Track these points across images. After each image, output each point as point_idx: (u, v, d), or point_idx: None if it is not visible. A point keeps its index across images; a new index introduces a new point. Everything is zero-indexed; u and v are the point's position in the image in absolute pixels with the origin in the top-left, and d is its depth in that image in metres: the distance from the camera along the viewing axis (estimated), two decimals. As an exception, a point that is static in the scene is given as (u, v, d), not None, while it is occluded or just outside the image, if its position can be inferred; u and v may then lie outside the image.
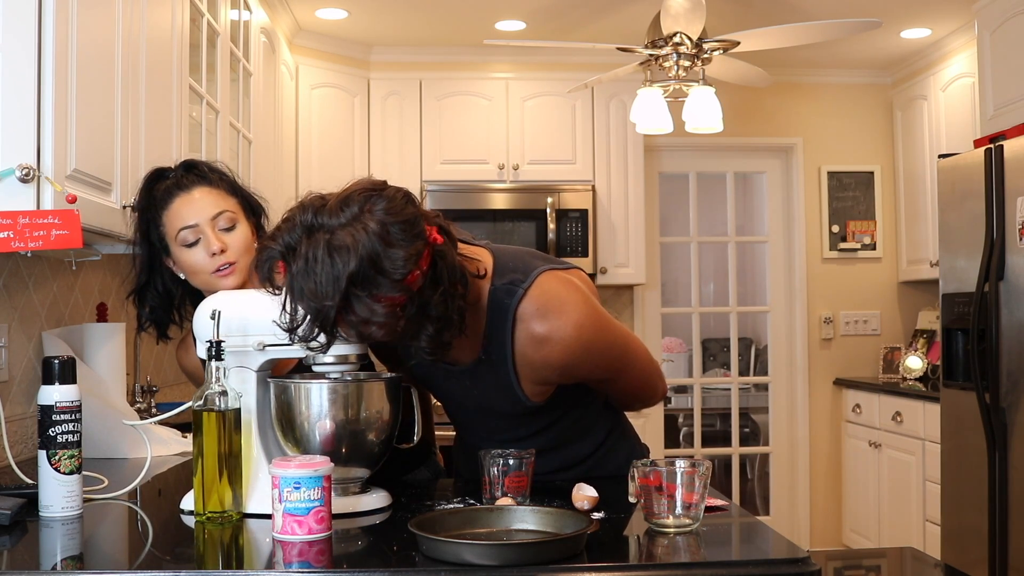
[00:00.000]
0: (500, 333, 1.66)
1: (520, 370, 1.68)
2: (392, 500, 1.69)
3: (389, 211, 1.47)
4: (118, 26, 2.04)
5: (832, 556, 4.24)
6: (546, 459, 1.81)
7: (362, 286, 1.44)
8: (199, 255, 1.83)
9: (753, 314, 6.32)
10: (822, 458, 5.37)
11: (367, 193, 1.49)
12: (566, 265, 1.75)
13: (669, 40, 3.70)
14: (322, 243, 1.44)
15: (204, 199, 1.85)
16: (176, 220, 1.84)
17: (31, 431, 2.25)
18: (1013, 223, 3.44)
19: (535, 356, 1.66)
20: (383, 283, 1.45)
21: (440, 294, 1.52)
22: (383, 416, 1.66)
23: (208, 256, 1.83)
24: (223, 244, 1.83)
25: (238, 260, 1.84)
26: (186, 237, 1.83)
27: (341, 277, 1.43)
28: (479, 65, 4.93)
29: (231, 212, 1.87)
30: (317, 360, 1.63)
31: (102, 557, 1.50)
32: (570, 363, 1.67)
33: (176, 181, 1.88)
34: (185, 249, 1.84)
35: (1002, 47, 3.87)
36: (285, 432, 1.63)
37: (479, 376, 1.73)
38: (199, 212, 1.84)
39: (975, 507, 3.64)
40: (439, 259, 1.52)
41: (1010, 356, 3.46)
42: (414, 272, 1.47)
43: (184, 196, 1.86)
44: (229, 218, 1.86)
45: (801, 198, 5.39)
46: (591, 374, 1.75)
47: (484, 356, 1.69)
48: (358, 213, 1.46)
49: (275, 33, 4.05)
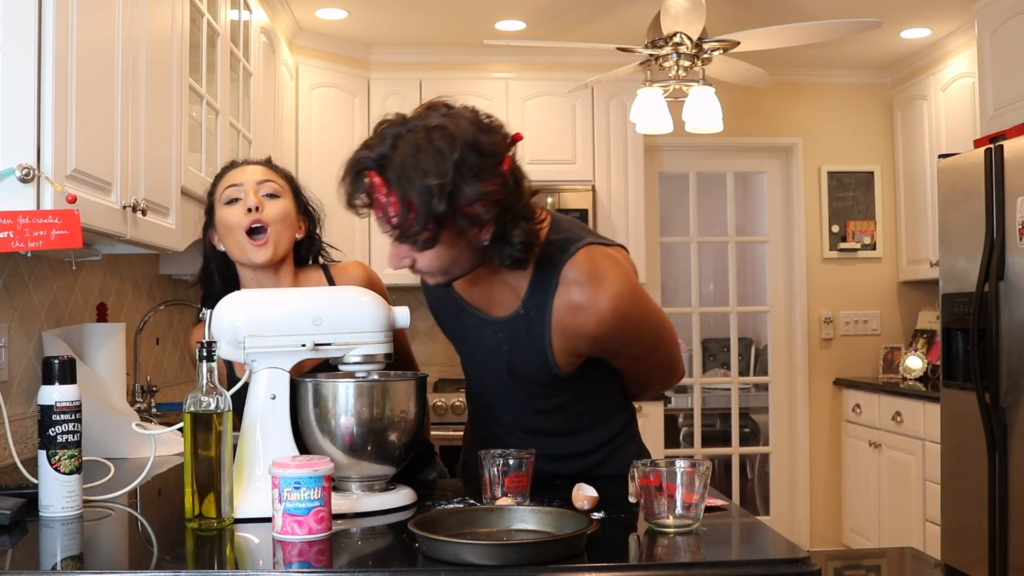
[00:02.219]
0: (543, 291, 1.70)
1: (555, 334, 1.72)
2: (417, 498, 1.70)
3: (473, 110, 1.59)
4: (118, 26, 2.04)
5: (832, 556, 4.24)
6: (558, 442, 1.84)
7: (468, 167, 1.50)
8: (235, 210, 1.90)
9: (753, 314, 6.32)
10: (822, 458, 5.37)
11: (445, 102, 1.60)
12: (611, 242, 1.80)
13: (669, 40, 3.70)
14: (422, 134, 1.51)
15: (257, 169, 1.97)
16: (226, 183, 1.95)
17: (31, 431, 2.25)
18: (1013, 223, 3.44)
19: (570, 323, 1.69)
20: (485, 165, 1.53)
21: (525, 195, 1.61)
22: (408, 415, 1.68)
23: (243, 212, 1.89)
24: (260, 203, 1.89)
25: (273, 227, 1.89)
26: (229, 194, 1.92)
27: (447, 159, 1.49)
28: (479, 65, 4.93)
29: (277, 185, 1.94)
30: (345, 359, 1.67)
31: (102, 557, 1.50)
32: (603, 335, 1.70)
33: (238, 160, 2.03)
34: (225, 206, 1.92)
35: (1002, 47, 3.87)
36: (323, 430, 1.64)
37: (514, 331, 1.76)
38: (247, 176, 1.94)
39: (975, 507, 3.64)
40: (516, 169, 1.62)
41: (1010, 356, 3.46)
42: (507, 157, 1.57)
43: (239, 168, 1.99)
44: (274, 187, 1.93)
45: (801, 198, 5.40)
46: (622, 348, 1.78)
47: (523, 311, 1.73)
48: (446, 112, 1.56)
49: (275, 33, 4.05)
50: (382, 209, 1.55)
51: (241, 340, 1.63)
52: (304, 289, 1.84)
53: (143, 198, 2.15)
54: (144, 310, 3.21)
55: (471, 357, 1.91)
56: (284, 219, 1.92)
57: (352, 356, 1.67)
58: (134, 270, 3.14)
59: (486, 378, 1.89)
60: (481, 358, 1.87)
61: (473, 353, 1.89)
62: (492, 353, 1.81)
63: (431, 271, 1.66)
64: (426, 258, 1.62)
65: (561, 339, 1.72)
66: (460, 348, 1.93)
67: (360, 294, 1.71)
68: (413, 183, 1.50)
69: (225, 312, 1.64)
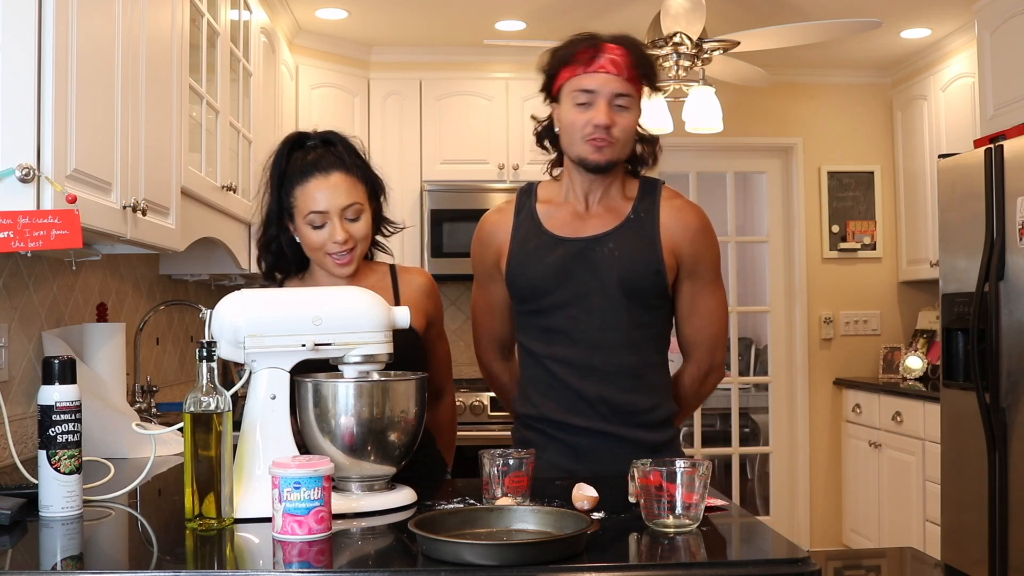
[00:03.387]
0: (651, 196, 2.06)
1: (662, 229, 2.02)
2: (417, 498, 1.70)
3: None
4: (118, 26, 2.04)
5: (832, 556, 4.23)
6: (617, 386, 2.01)
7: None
8: (322, 237, 1.93)
9: (753, 314, 6.32)
10: (822, 458, 5.37)
11: None
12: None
13: (669, 40, 3.70)
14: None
15: (339, 187, 1.94)
16: (309, 201, 1.93)
17: (31, 431, 2.25)
18: (1013, 223, 3.44)
19: (676, 221, 2.04)
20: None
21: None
22: (408, 415, 1.68)
23: (331, 242, 1.93)
24: (347, 235, 1.93)
25: (356, 247, 1.96)
26: (314, 220, 1.93)
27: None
28: (479, 65, 4.93)
29: (359, 204, 1.96)
30: (346, 360, 1.67)
31: (102, 557, 1.50)
32: (698, 233, 2.05)
33: (316, 159, 1.96)
34: (310, 229, 1.94)
35: (1002, 47, 3.87)
36: (323, 430, 1.64)
37: (623, 237, 2.02)
38: (332, 201, 1.93)
39: (975, 507, 3.64)
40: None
41: (1010, 356, 3.46)
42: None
43: (321, 179, 1.94)
44: (356, 210, 1.95)
45: (801, 198, 5.40)
46: (701, 261, 2.06)
47: (633, 215, 2.03)
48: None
49: (275, 33, 4.05)
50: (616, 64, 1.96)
51: (241, 340, 1.63)
52: (304, 289, 1.84)
53: (143, 198, 2.15)
54: (144, 310, 3.21)
55: (570, 289, 2.02)
56: (366, 235, 1.98)
57: (352, 356, 1.67)
58: (134, 270, 3.14)
59: (590, 303, 2.01)
60: (585, 284, 2.01)
61: (574, 282, 2.01)
62: (602, 270, 2.00)
63: (622, 137, 1.99)
64: (624, 121, 1.98)
65: (667, 237, 2.02)
66: (554, 292, 2.03)
67: (360, 294, 1.71)
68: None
69: (225, 312, 1.64)
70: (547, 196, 2.12)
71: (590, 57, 1.96)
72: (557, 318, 2.03)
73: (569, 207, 2.08)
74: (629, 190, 2.08)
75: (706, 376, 2.18)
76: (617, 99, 1.97)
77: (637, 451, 1.87)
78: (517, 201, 2.14)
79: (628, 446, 1.99)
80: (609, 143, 1.97)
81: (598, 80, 1.96)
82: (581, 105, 1.97)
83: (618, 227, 2.02)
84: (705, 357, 2.16)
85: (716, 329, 2.15)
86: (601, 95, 1.96)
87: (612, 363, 2.01)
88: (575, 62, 1.98)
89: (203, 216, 2.84)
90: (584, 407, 2.03)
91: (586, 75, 1.97)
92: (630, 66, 1.98)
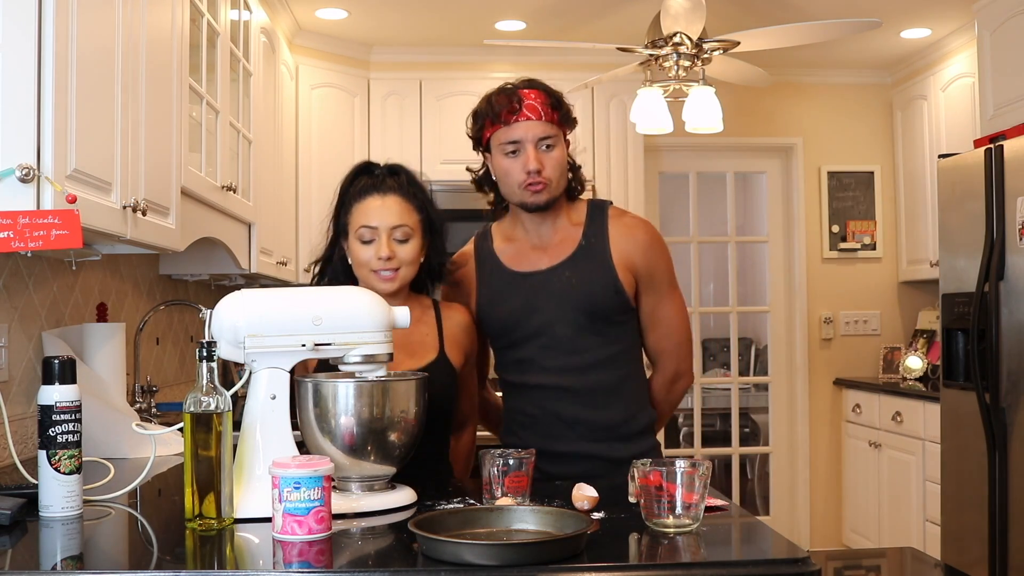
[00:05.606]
0: (599, 222, 2.15)
1: (614, 251, 2.11)
2: (417, 498, 1.70)
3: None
4: (118, 26, 2.04)
5: (832, 556, 4.24)
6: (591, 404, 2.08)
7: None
8: (368, 253, 2.02)
9: (753, 314, 6.32)
10: (822, 458, 5.37)
11: None
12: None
13: (669, 40, 3.70)
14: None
15: (392, 207, 2.04)
16: (362, 216, 2.04)
17: (31, 431, 2.25)
18: (1013, 223, 3.44)
19: (626, 238, 2.13)
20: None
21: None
22: (408, 415, 1.68)
23: (375, 258, 2.01)
24: (392, 252, 2.01)
25: (400, 268, 2.03)
26: (363, 234, 2.02)
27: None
28: (479, 65, 4.93)
29: (409, 228, 2.04)
30: (345, 360, 1.67)
31: (102, 557, 1.50)
32: (648, 248, 2.14)
33: (377, 183, 2.07)
34: (359, 243, 2.03)
35: (1002, 47, 3.87)
36: (323, 430, 1.65)
37: (580, 263, 2.10)
38: (383, 218, 2.02)
39: (975, 507, 3.64)
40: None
41: (1010, 356, 3.45)
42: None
43: (378, 197, 2.05)
44: (406, 232, 2.03)
45: (801, 198, 5.39)
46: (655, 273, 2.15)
47: (584, 241, 2.12)
48: None
49: (275, 33, 4.05)
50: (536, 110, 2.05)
51: (241, 340, 1.63)
52: (304, 289, 1.84)
53: (143, 198, 2.15)
54: (144, 310, 3.21)
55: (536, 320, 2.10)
56: (412, 261, 2.05)
57: (352, 356, 1.67)
58: (134, 270, 3.14)
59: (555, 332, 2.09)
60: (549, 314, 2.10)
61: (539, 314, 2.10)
62: (562, 298, 2.09)
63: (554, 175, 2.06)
64: (553, 160, 2.06)
65: (620, 256, 2.10)
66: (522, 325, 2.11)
67: (360, 294, 1.71)
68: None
69: (225, 312, 1.64)
70: (503, 234, 2.22)
71: (509, 110, 2.07)
72: (527, 349, 2.13)
73: (524, 242, 2.18)
74: (576, 215, 2.17)
75: (673, 382, 2.26)
76: (541, 141, 2.07)
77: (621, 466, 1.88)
78: (476, 245, 2.24)
79: (609, 465, 2.05)
80: (544, 184, 2.07)
81: (520, 129, 2.07)
82: (510, 154, 2.07)
83: (572, 255, 2.12)
84: (670, 364, 2.24)
85: (679, 337, 2.23)
86: (527, 141, 2.06)
87: (583, 383, 2.10)
88: (496, 117, 2.09)
89: (203, 216, 2.84)
90: (563, 429, 2.10)
91: (509, 127, 2.07)
92: (547, 105, 2.08)
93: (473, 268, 2.21)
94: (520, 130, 2.06)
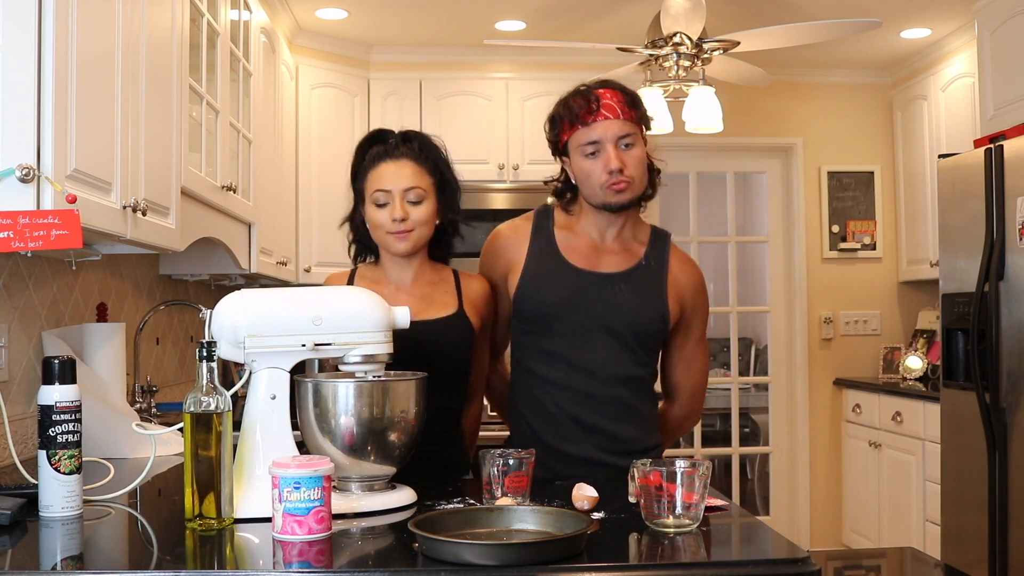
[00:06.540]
0: (662, 246, 2.18)
1: (669, 283, 2.14)
2: (417, 498, 1.70)
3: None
4: (118, 26, 2.04)
5: (832, 556, 4.23)
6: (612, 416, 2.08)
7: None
8: (383, 215, 2.07)
9: (753, 314, 6.31)
10: (822, 458, 5.37)
11: None
12: None
13: (669, 40, 3.70)
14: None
15: (404, 170, 2.08)
16: (376, 181, 2.09)
17: (31, 431, 2.25)
18: (1013, 223, 3.44)
19: (684, 273, 2.17)
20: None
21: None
22: (408, 415, 1.68)
23: (390, 219, 2.06)
24: (405, 213, 2.06)
25: (415, 229, 2.07)
26: (378, 198, 2.08)
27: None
28: (479, 65, 4.93)
29: (422, 190, 2.08)
30: (345, 360, 1.67)
31: (102, 557, 1.50)
32: (700, 289, 2.21)
33: (390, 149, 2.11)
34: (374, 207, 2.09)
35: (1002, 47, 3.87)
36: (323, 430, 1.65)
37: (635, 281, 2.11)
38: (396, 181, 2.07)
39: (975, 507, 3.64)
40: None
41: (1010, 356, 3.45)
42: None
43: (391, 162, 2.09)
44: (419, 194, 2.08)
45: (801, 198, 5.39)
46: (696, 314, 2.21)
47: (645, 263, 2.14)
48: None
49: (275, 33, 4.05)
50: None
51: (241, 340, 1.63)
52: (304, 289, 1.85)
53: (143, 198, 2.15)
54: (144, 310, 3.21)
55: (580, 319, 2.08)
56: (426, 222, 2.09)
57: (352, 356, 1.67)
58: (134, 270, 3.14)
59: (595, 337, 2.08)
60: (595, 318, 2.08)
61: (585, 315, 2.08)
62: (611, 308, 2.08)
63: (636, 173, 2.06)
64: (633, 159, 2.05)
65: (673, 287, 2.13)
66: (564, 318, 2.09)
67: (360, 294, 1.71)
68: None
69: (225, 312, 1.64)
70: (564, 221, 2.19)
71: (587, 111, 2.05)
72: (560, 344, 2.09)
73: (586, 238, 2.15)
74: (641, 234, 2.19)
75: (685, 419, 2.31)
76: (621, 140, 2.05)
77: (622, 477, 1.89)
78: (535, 220, 2.19)
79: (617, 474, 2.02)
80: (627, 183, 2.06)
81: (599, 129, 2.04)
82: (590, 156, 2.05)
83: (631, 270, 2.12)
84: (687, 402, 2.28)
85: (700, 380, 2.28)
86: (606, 141, 2.04)
87: (609, 394, 2.09)
88: (575, 119, 2.06)
89: (203, 216, 2.84)
90: (580, 433, 2.09)
91: (587, 128, 2.05)
92: (624, 104, 2.06)
93: (526, 240, 2.16)
94: (599, 130, 2.04)
